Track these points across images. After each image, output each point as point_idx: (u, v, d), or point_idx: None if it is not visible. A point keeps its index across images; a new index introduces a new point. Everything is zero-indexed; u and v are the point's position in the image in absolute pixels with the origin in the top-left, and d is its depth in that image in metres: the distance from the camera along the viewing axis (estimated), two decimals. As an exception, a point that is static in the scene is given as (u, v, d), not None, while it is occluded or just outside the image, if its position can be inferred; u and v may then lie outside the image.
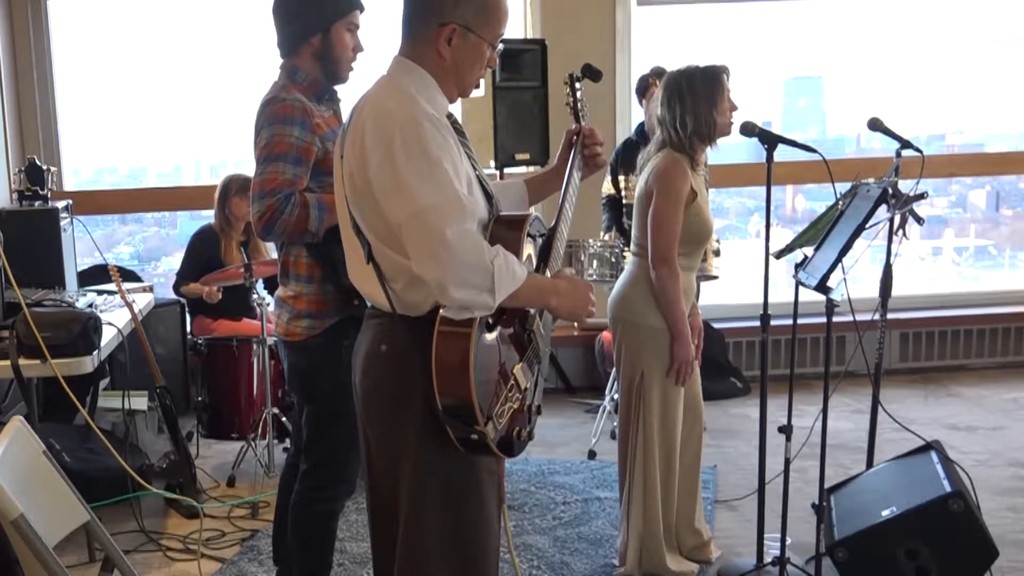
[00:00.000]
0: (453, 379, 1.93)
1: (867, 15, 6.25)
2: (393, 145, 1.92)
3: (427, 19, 2.03)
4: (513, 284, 1.95)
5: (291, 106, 2.64)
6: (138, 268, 5.75)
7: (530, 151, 4.63)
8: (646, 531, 3.29)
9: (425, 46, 2.05)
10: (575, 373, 5.84)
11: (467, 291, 1.88)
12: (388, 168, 1.92)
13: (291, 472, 3.11)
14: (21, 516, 1.92)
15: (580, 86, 2.53)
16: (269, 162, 2.60)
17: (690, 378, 3.27)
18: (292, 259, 2.75)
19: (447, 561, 2.09)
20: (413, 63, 2.06)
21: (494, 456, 2.06)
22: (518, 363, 2.10)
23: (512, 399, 2.07)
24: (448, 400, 1.95)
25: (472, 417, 1.94)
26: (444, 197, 1.90)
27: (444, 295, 1.90)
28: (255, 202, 2.61)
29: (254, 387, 4.54)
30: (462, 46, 2.04)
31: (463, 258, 1.88)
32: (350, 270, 2.18)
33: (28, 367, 3.19)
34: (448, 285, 1.87)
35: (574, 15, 5.68)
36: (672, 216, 3.14)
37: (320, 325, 2.70)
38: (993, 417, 5.17)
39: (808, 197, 6.91)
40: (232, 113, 5.98)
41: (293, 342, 2.75)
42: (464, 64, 2.07)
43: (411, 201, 1.90)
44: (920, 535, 2.99)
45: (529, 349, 2.15)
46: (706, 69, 3.17)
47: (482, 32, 2.05)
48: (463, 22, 2.02)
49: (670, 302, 3.17)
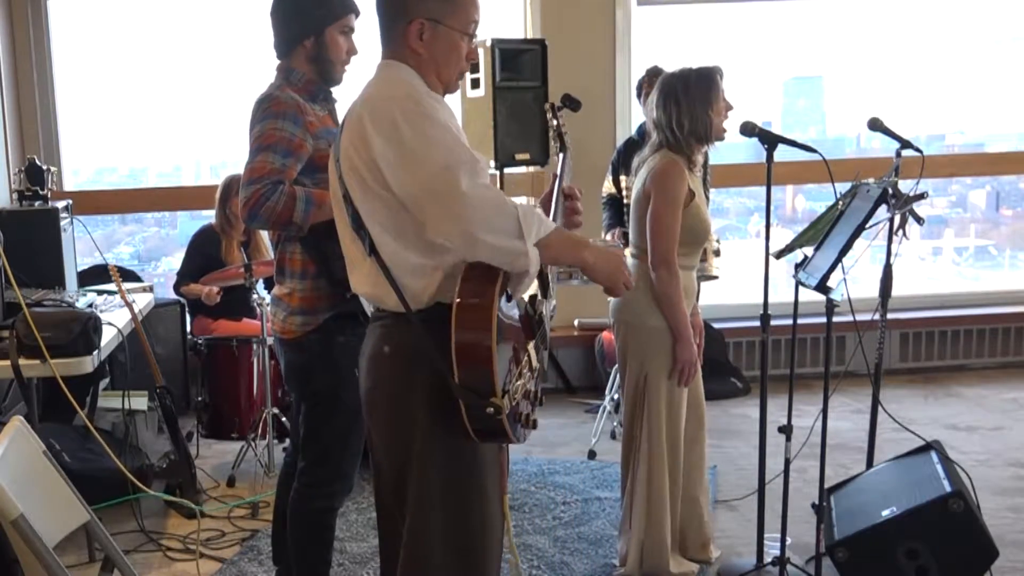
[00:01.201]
0: (474, 348, 1.90)
1: (867, 15, 6.25)
2: (396, 121, 1.95)
3: (396, 19, 2.08)
4: (542, 228, 1.95)
5: (284, 102, 2.69)
6: (138, 268, 5.75)
7: (530, 151, 4.63)
8: (649, 532, 3.29)
9: (401, 46, 2.09)
10: (575, 373, 5.84)
11: (496, 235, 1.89)
12: (394, 143, 1.95)
13: (290, 471, 3.11)
14: (21, 516, 1.92)
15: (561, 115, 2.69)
16: (259, 152, 2.64)
17: (693, 379, 3.28)
18: (288, 256, 2.77)
19: (450, 560, 2.09)
20: (396, 62, 2.11)
21: (503, 438, 2.03)
22: (531, 343, 2.12)
23: (524, 377, 2.07)
24: (467, 369, 1.91)
25: (490, 387, 1.91)
26: (454, 157, 1.92)
27: (473, 244, 1.89)
28: (242, 188, 2.64)
29: (254, 387, 4.54)
30: (434, 39, 2.08)
31: (484, 205, 1.89)
32: (350, 274, 2.18)
33: (28, 367, 3.19)
34: (475, 231, 1.88)
35: (574, 15, 5.68)
36: (670, 218, 3.15)
37: (313, 321, 2.71)
38: (993, 417, 5.17)
39: (808, 197, 6.91)
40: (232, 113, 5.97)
41: (289, 340, 2.76)
42: (440, 57, 2.10)
43: (422, 167, 1.92)
44: (920, 535, 2.99)
45: (538, 332, 2.17)
46: (700, 70, 3.19)
47: (450, 22, 2.08)
48: (429, 15, 2.06)
49: (671, 303, 3.18)
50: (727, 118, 3.21)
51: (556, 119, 2.65)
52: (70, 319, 3.29)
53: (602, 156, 5.22)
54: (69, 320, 3.28)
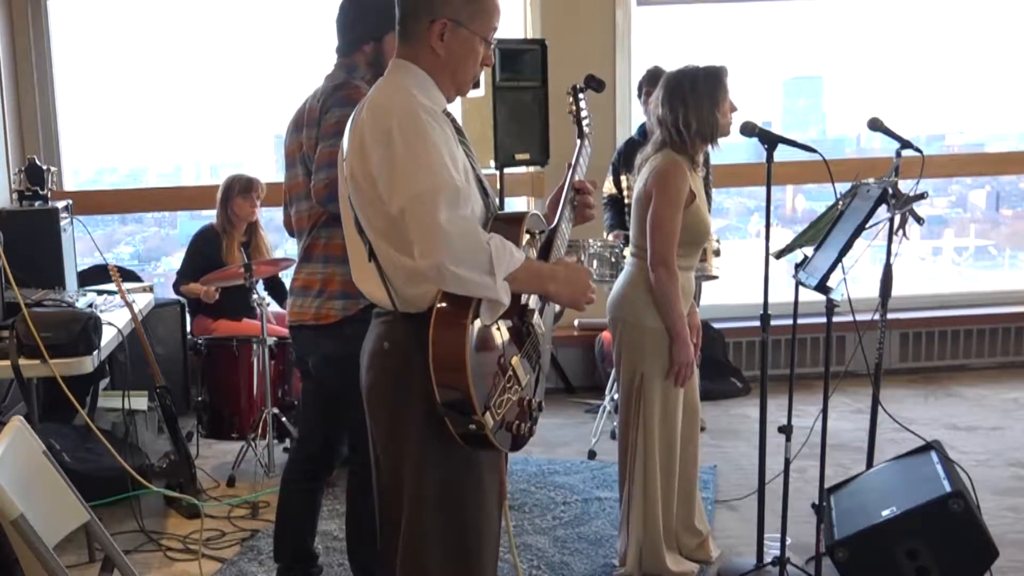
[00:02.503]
0: (450, 369, 1.94)
1: (867, 15, 6.25)
2: (391, 135, 1.96)
3: (419, 17, 2.09)
4: (511, 264, 1.97)
5: (363, 92, 2.71)
6: (138, 268, 5.74)
7: (530, 151, 4.63)
8: (646, 532, 3.29)
9: (419, 44, 2.10)
10: (575, 373, 5.84)
11: (465, 270, 1.91)
12: (387, 158, 1.96)
13: (295, 468, 3.12)
14: (21, 516, 1.92)
15: (583, 96, 2.55)
16: (340, 137, 2.65)
17: (690, 380, 3.28)
18: (323, 241, 2.81)
19: (446, 559, 2.11)
20: (409, 63, 2.11)
21: (494, 449, 2.06)
22: (516, 356, 2.11)
23: (511, 391, 2.07)
24: (446, 390, 1.96)
25: (469, 407, 1.95)
26: (438, 182, 1.93)
27: (443, 276, 1.92)
28: (323, 169, 2.68)
29: (254, 387, 4.54)
30: (454, 41, 2.08)
31: (458, 240, 1.90)
32: (353, 270, 2.20)
33: (28, 367, 3.19)
34: (445, 264, 1.90)
35: (574, 15, 5.68)
36: (671, 218, 3.14)
37: (354, 305, 2.73)
38: (993, 417, 5.17)
39: (808, 197, 6.91)
40: (232, 114, 5.99)
41: (326, 325, 2.76)
42: (458, 59, 2.10)
43: (407, 187, 1.94)
44: (920, 535, 2.99)
45: (527, 342, 2.16)
46: (708, 69, 3.17)
47: (473, 26, 2.09)
48: (454, 16, 2.07)
49: (669, 304, 3.17)
50: (732, 121, 3.20)
51: (577, 103, 2.52)
52: (70, 319, 3.29)
53: (602, 156, 5.20)
54: (69, 320, 3.28)
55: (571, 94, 2.54)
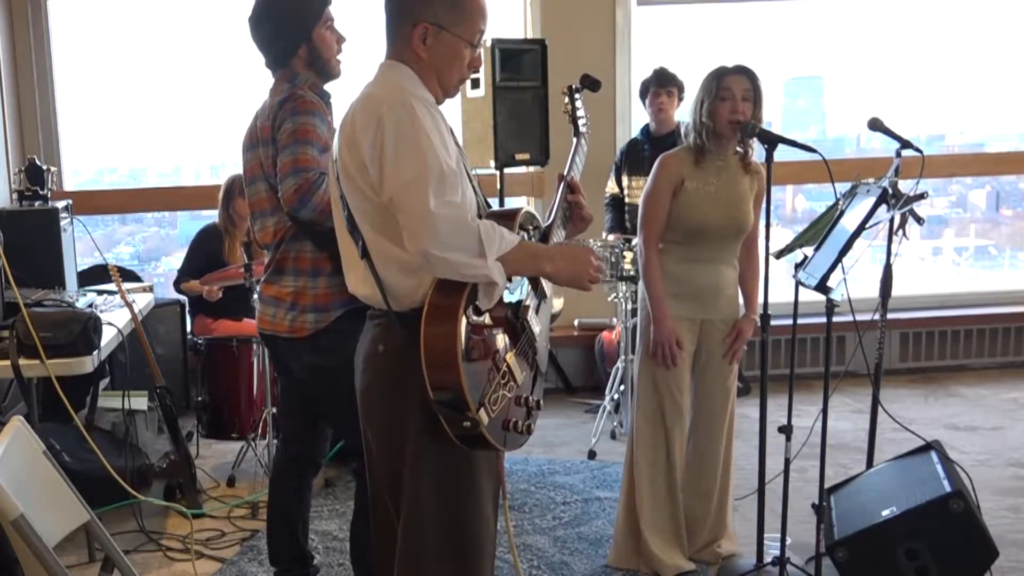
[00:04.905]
0: (442, 365, 1.94)
1: (867, 15, 6.24)
2: (382, 123, 1.97)
3: (402, 21, 2.10)
4: (504, 245, 1.97)
5: (311, 101, 2.74)
6: (138, 268, 5.74)
7: (530, 151, 4.62)
8: (625, 521, 3.39)
9: (404, 48, 2.11)
10: (575, 373, 5.84)
11: (453, 253, 1.91)
12: (377, 146, 1.97)
13: (281, 469, 3.12)
14: (21, 516, 1.92)
15: (579, 96, 2.56)
16: (299, 145, 2.67)
17: (672, 363, 3.27)
18: (292, 255, 2.79)
19: (443, 561, 2.11)
20: (398, 63, 2.12)
21: (491, 447, 2.05)
22: (511, 352, 2.11)
23: (506, 387, 2.07)
24: (439, 387, 1.95)
25: (463, 403, 1.94)
26: (427, 168, 1.93)
27: (431, 262, 1.92)
28: (289, 177, 2.65)
29: (254, 387, 4.54)
30: (437, 44, 2.09)
31: (445, 225, 1.90)
32: (346, 276, 2.20)
33: (28, 367, 3.19)
34: (432, 250, 1.90)
35: (574, 15, 5.68)
36: (649, 203, 3.31)
37: (326, 318, 2.74)
38: (993, 417, 5.17)
39: (808, 197, 6.90)
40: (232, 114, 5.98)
41: (301, 338, 2.76)
42: (441, 63, 2.11)
43: (397, 174, 1.94)
44: (920, 535, 2.99)
45: (522, 338, 2.15)
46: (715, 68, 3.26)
47: (456, 30, 2.09)
48: (435, 20, 2.07)
49: (648, 284, 3.30)
50: (732, 119, 3.19)
51: (573, 102, 2.53)
52: (70, 319, 3.28)
53: (601, 156, 5.21)
54: (69, 320, 3.28)
55: (567, 94, 2.55)
